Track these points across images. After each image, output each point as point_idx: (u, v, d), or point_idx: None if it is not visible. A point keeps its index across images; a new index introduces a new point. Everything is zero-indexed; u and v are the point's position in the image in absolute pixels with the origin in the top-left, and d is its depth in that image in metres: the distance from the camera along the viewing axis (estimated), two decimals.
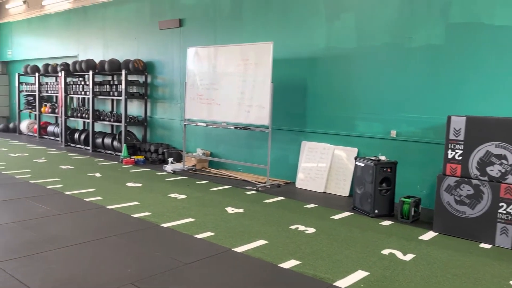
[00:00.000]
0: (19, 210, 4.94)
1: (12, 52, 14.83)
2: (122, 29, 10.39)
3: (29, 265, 3.39)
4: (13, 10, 14.39)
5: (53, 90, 12.16)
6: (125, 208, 5.20)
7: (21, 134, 13.43)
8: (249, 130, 7.30)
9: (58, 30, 12.59)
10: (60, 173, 7.34)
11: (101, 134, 10.25)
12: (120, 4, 10.39)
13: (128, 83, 9.48)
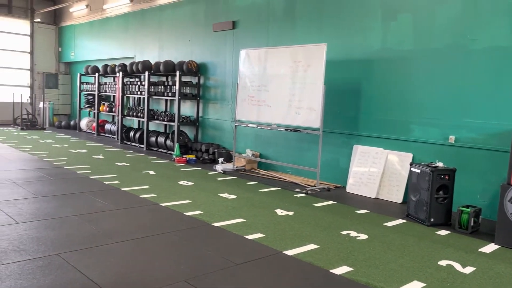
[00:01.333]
0: (80, 204, 5.21)
1: (75, 54, 15.69)
2: (177, 31, 10.68)
3: (90, 258, 3.56)
4: (76, 13, 15.22)
5: (111, 90, 12.73)
6: (177, 206, 5.34)
7: (81, 131, 14.17)
8: (299, 132, 7.26)
9: (117, 33, 13.17)
10: (117, 169, 7.66)
11: (155, 133, 10.59)
12: (176, 7, 10.69)
13: (182, 84, 9.74)
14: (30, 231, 4.11)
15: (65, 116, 16.41)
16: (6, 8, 15.41)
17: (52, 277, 3.14)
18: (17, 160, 8.06)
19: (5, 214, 4.61)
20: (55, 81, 16.43)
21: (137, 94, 11.08)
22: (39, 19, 15.98)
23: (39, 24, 16.11)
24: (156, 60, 11.09)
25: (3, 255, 3.48)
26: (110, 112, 12.90)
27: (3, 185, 5.97)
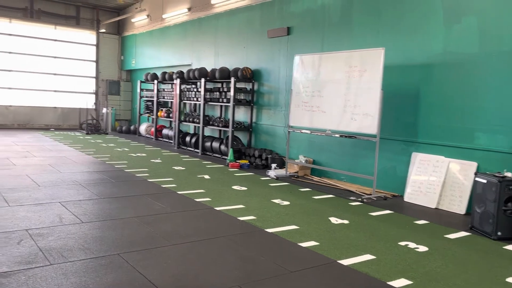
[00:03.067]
0: (139, 206, 5.42)
1: (136, 61, 16.43)
2: (233, 39, 10.87)
3: (148, 259, 3.68)
4: (138, 23, 15.95)
5: (169, 96, 13.18)
6: (231, 211, 5.39)
7: (140, 136, 14.78)
8: (354, 138, 7.10)
9: (175, 41, 13.64)
10: (173, 173, 7.90)
11: (209, 138, 10.82)
12: (231, 14, 10.89)
13: (236, 90, 9.89)
14: (94, 231, 4.33)
15: (126, 121, 17.20)
16: (75, 20, 16.48)
17: (113, 276, 3.28)
18: (82, 163, 8.55)
19: (72, 213, 4.89)
20: (117, 88, 17.31)
21: (194, 100, 11.38)
22: (104, 29, 16.94)
23: (104, 34, 17.06)
24: (212, 67, 11.35)
25: (69, 253, 3.69)
26: (167, 118, 13.35)
27: (70, 186, 6.35)
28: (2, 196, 5.52)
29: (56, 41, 16.19)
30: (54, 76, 16.26)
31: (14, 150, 9.87)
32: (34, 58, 15.80)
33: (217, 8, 11.42)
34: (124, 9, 16.86)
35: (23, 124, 15.68)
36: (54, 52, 16.20)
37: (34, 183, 6.42)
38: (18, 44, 15.48)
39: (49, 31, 16.03)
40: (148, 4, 14.82)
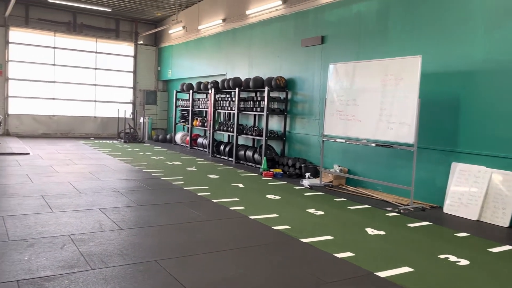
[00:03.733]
0: (175, 214, 5.52)
1: (172, 72, 16.84)
2: (266, 48, 10.96)
3: (184, 266, 3.73)
4: (174, 34, 16.36)
5: (204, 106, 13.40)
6: (266, 220, 5.40)
7: (175, 145, 15.07)
8: (391, 148, 6.97)
9: (210, 51, 13.88)
10: (208, 181, 7.99)
11: (243, 147, 10.90)
12: (265, 24, 10.99)
13: (270, 99, 9.93)
14: (132, 237, 4.44)
15: (162, 130, 17.60)
16: (114, 33, 17.10)
17: (150, 282, 3.35)
18: (121, 171, 8.80)
19: (111, 220, 5.04)
20: (154, 98, 17.77)
21: (228, 110, 11.52)
22: (142, 41, 17.48)
23: (142, 46, 17.61)
24: (246, 76, 11.46)
25: (109, 258, 3.80)
26: (202, 127, 13.55)
27: (109, 193, 6.55)
28: (46, 202, 5.76)
29: (96, 53, 16.85)
30: (94, 87, 16.90)
31: (57, 158, 10.29)
32: (76, 70, 16.50)
33: (251, 19, 11.55)
34: (161, 21, 17.35)
35: (65, 133, 16.35)
36: (95, 64, 16.85)
37: (76, 190, 6.66)
38: (62, 57, 16.22)
39: (91, 44, 16.71)
40: (184, 16, 15.18)
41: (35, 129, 15.86)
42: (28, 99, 15.78)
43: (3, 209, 5.31)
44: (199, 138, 13.85)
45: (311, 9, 9.42)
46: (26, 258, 3.68)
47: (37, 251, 3.86)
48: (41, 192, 6.38)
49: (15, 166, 8.79)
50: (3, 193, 6.21)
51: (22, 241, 4.13)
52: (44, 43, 15.90)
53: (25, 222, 4.78)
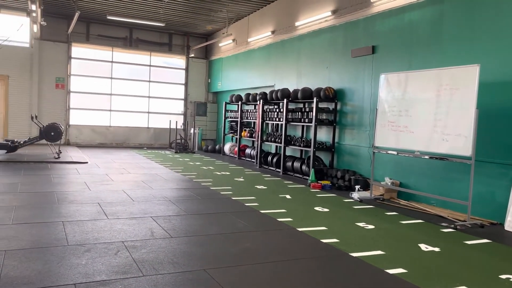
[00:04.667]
0: (224, 223, 5.58)
1: (222, 84, 17.18)
2: (315, 59, 10.92)
3: (232, 276, 3.76)
4: (224, 47, 16.73)
5: (252, 117, 13.53)
6: (314, 232, 5.33)
7: (224, 155, 15.30)
8: (446, 161, 6.67)
9: (258, 63, 14.05)
10: (256, 192, 8.03)
11: (291, 158, 10.86)
12: (314, 35, 10.97)
13: (319, 110, 9.86)
14: (182, 246, 4.54)
15: (211, 141, 17.94)
16: (167, 47, 17.75)
17: None
18: (172, 180, 9.05)
19: (162, 228, 5.18)
20: (204, 109, 18.20)
21: (276, 121, 11.56)
22: (193, 54, 18.01)
23: (193, 59, 18.14)
24: (294, 87, 11.46)
25: (160, 265, 3.90)
26: (250, 138, 13.68)
27: (160, 202, 6.74)
28: (102, 209, 6.03)
29: (150, 67, 17.56)
30: (148, 99, 17.57)
31: (113, 167, 10.77)
32: (131, 83, 17.27)
33: (300, 30, 11.58)
34: (212, 35, 17.80)
35: (120, 143, 17.09)
36: (149, 77, 17.55)
37: (129, 198, 6.92)
38: (118, 70, 17.05)
39: (145, 57, 17.45)
40: (234, 29, 15.49)
41: (93, 139, 16.71)
42: (87, 111, 16.68)
43: (63, 215, 5.62)
44: (247, 148, 13.98)
45: (361, 19, 9.30)
46: (83, 263, 3.86)
47: (93, 256, 4.04)
48: (98, 199, 6.69)
49: (75, 174, 9.29)
50: (64, 199, 6.57)
51: (80, 246, 4.34)
52: (103, 57, 16.79)
53: (82, 227, 5.02)
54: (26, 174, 8.90)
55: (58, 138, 12.18)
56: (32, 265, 3.75)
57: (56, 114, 15.81)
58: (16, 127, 15.31)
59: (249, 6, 13.59)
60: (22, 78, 15.36)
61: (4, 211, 5.64)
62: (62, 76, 16.03)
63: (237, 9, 13.88)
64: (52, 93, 15.91)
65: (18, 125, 15.32)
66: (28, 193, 6.91)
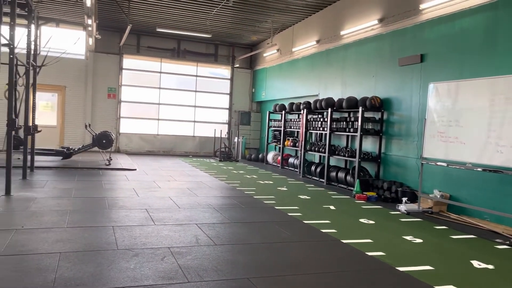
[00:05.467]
0: (267, 232, 5.59)
1: (265, 93, 17.31)
2: (361, 68, 10.77)
3: (276, 285, 3.76)
4: (268, 57, 16.87)
5: (296, 126, 13.51)
6: (358, 244, 5.22)
7: (267, 164, 15.34)
8: (501, 173, 6.34)
9: (303, 72, 14.04)
10: (299, 202, 7.99)
11: (335, 168, 10.72)
12: (360, 44, 10.84)
13: (364, 119, 9.69)
14: (226, 253, 4.60)
15: (255, 150, 18.06)
16: (213, 57, 18.15)
17: None
18: (216, 188, 9.19)
19: (206, 235, 5.27)
20: (248, 119, 18.39)
21: (320, 130, 11.48)
22: (238, 64, 18.30)
23: (238, 69, 18.42)
24: (339, 97, 11.35)
25: (204, 272, 3.97)
26: (293, 147, 13.64)
27: (205, 209, 6.86)
28: (150, 215, 6.22)
29: (197, 77, 18.00)
30: (194, 108, 18.00)
31: (160, 174, 11.09)
32: (178, 93, 17.78)
33: (345, 39, 11.48)
34: (257, 45, 18.02)
35: (167, 151, 17.58)
36: (195, 87, 18.00)
37: (175, 204, 7.10)
38: (166, 81, 17.62)
39: (192, 68, 17.92)
40: (279, 39, 15.60)
41: (142, 146, 17.31)
42: (136, 120, 17.33)
43: (114, 219, 5.86)
44: (290, 158, 13.94)
45: (409, 27, 9.09)
46: (131, 267, 4.00)
47: (141, 261, 4.18)
48: (145, 205, 6.91)
49: (124, 180, 9.65)
50: (114, 205, 6.85)
51: (129, 250, 4.50)
52: (152, 68, 17.42)
53: (131, 233, 5.21)
54: (80, 179, 9.36)
55: (109, 146, 12.74)
56: (85, 267, 3.93)
57: (108, 123, 16.54)
58: (71, 135, 16.16)
59: (294, 16, 13.66)
60: (77, 89, 16.22)
61: (59, 214, 5.96)
62: (113, 86, 16.78)
63: (282, 19, 13.98)
64: (104, 102, 16.67)
65: (73, 133, 16.17)
66: (81, 198, 7.26)
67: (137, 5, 13.00)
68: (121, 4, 12.74)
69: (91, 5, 9.61)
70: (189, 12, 13.52)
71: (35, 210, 6.12)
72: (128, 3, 12.59)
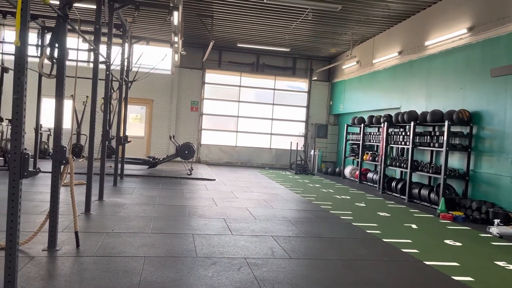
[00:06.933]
0: (343, 249, 5.46)
1: (343, 106, 17.02)
2: (447, 80, 10.18)
3: None
4: (347, 69, 16.61)
5: (375, 140, 13.09)
6: (443, 267, 4.89)
7: (344, 178, 15.01)
8: None
9: (383, 84, 13.61)
10: (378, 219, 7.69)
11: (417, 185, 10.18)
12: (447, 55, 10.27)
13: (450, 134, 9.11)
14: (301, 268, 4.57)
15: (331, 163, 17.78)
16: (291, 71, 18.30)
17: None
18: (291, 201, 9.18)
19: (282, 248, 5.28)
20: (325, 131, 18.19)
21: (401, 144, 11.00)
22: (315, 77, 18.25)
23: (316, 81, 18.37)
24: (422, 109, 10.81)
25: (279, 285, 3.98)
26: (372, 161, 13.21)
27: (281, 222, 6.89)
28: (227, 225, 6.39)
29: (274, 90, 18.26)
30: (271, 121, 18.24)
31: (237, 185, 11.36)
32: (256, 106, 18.15)
33: (430, 50, 10.95)
34: (335, 57, 17.85)
35: (244, 162, 17.96)
36: (272, 100, 18.25)
37: (252, 216, 7.21)
38: (245, 94, 18.10)
39: (270, 81, 18.23)
40: (359, 51, 15.32)
41: (220, 158, 17.88)
42: (216, 132, 17.98)
43: (194, 228, 6.10)
44: (369, 173, 13.51)
45: (503, 35, 8.43)
46: (209, 275, 4.13)
47: (219, 270, 4.30)
48: (223, 215, 7.11)
49: (204, 190, 10.03)
50: (194, 213, 7.14)
51: (207, 258, 4.66)
52: (232, 82, 18.02)
53: (210, 241, 5.38)
54: (164, 188, 9.90)
55: (191, 156, 13.34)
56: (167, 272, 4.14)
57: (190, 134, 17.37)
58: (156, 145, 17.20)
59: (375, 28, 13.35)
60: (163, 102, 17.26)
61: (145, 220, 6.35)
62: (196, 100, 17.60)
63: (362, 31, 13.73)
64: (187, 115, 17.54)
65: (158, 144, 17.19)
66: (164, 206, 7.67)
67: (219, 22, 13.58)
68: (205, 22, 13.40)
69: (178, 24, 10.24)
70: (269, 27, 13.81)
71: (124, 215, 6.58)
72: (211, 20, 13.20)
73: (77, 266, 4.15)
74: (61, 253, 4.50)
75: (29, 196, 7.42)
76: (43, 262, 4.21)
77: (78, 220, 4.92)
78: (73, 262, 4.26)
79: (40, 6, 11.68)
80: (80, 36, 5.90)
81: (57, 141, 4.63)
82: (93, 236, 5.27)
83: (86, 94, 13.15)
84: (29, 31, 3.38)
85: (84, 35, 6.29)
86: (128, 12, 11.54)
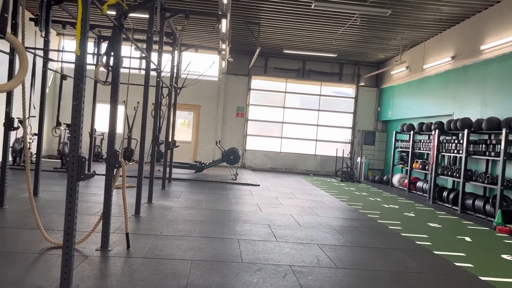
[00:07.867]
0: (391, 260, 5.29)
1: (392, 113, 16.57)
2: (504, 85, 9.66)
3: None
4: (396, 75, 16.18)
5: (425, 148, 12.63)
6: (501, 284, 4.62)
7: (392, 187, 14.57)
8: None
9: (435, 90, 13.12)
10: (428, 230, 7.40)
11: (471, 195, 9.70)
12: (505, 59, 9.75)
13: (509, 143, 8.62)
14: (347, 278, 4.47)
15: (379, 171, 17.33)
16: (338, 76, 18.08)
17: None
18: (337, 208, 9.03)
19: (328, 257, 5.20)
20: (372, 138, 17.77)
21: (453, 153, 10.54)
22: (363, 83, 17.91)
23: (363, 87, 18.02)
24: (477, 117, 10.32)
25: None
26: (422, 170, 12.75)
27: (326, 230, 6.79)
28: (272, 231, 6.38)
29: (320, 96, 18.10)
30: (316, 127, 18.08)
31: (281, 191, 11.33)
32: (301, 112, 18.07)
33: (486, 54, 10.45)
34: (383, 63, 17.45)
35: (289, 168, 17.90)
36: (318, 106, 18.10)
37: (297, 223, 7.16)
38: (290, 100, 18.07)
39: (315, 87, 18.10)
40: (408, 56, 14.88)
41: (265, 163, 17.93)
42: (261, 137, 18.06)
43: (239, 233, 6.15)
44: (419, 181, 13.04)
45: None
46: (254, 281, 4.14)
47: (264, 276, 4.30)
48: (268, 221, 7.11)
49: (248, 195, 10.09)
50: (239, 218, 7.19)
51: (252, 264, 4.67)
52: (277, 88, 18.06)
53: (255, 247, 5.40)
54: (210, 192, 10.06)
55: (236, 162, 13.48)
56: (213, 276, 4.19)
57: (235, 140, 17.56)
58: (203, 150, 17.52)
59: (426, 32, 12.93)
60: (210, 108, 17.59)
61: (192, 224, 6.47)
62: (242, 106, 17.79)
63: (413, 36, 13.34)
64: (233, 121, 17.76)
65: (204, 149, 17.51)
66: (210, 210, 7.79)
67: (266, 29, 13.68)
68: (252, 29, 13.54)
69: (226, 31, 10.41)
70: (316, 33, 13.74)
71: (171, 218, 6.75)
72: (258, 27, 13.32)
73: (127, 267, 4.30)
74: (113, 253, 4.68)
75: (83, 198, 7.78)
76: (96, 261, 4.39)
77: (129, 222, 5.10)
78: (124, 263, 4.42)
79: (96, 16, 12.29)
80: (133, 44, 6.15)
81: (111, 145, 4.84)
82: (142, 238, 5.44)
83: (136, 100, 13.67)
84: (88, 41, 3.56)
85: (137, 43, 6.54)
86: (178, 20, 11.87)
